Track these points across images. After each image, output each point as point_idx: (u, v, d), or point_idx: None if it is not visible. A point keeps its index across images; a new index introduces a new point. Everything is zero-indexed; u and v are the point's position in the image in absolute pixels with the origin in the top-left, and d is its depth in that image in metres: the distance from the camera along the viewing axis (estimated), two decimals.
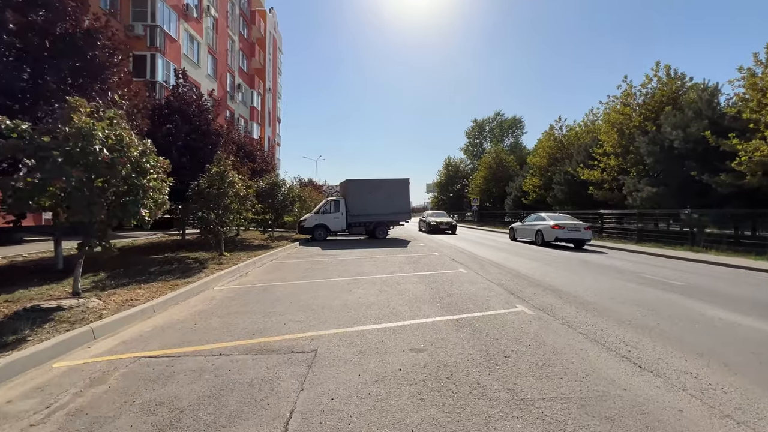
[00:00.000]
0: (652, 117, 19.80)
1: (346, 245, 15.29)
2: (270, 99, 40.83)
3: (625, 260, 11.23)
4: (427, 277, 7.82)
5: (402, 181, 18.63)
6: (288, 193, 15.94)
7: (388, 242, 16.57)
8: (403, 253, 12.13)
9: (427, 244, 15.43)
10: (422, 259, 10.67)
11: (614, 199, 20.47)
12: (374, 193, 17.96)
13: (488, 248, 14.11)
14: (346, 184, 18.18)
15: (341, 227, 17.77)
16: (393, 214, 18.27)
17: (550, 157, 29.15)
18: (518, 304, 5.58)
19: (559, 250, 13.73)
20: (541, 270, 8.91)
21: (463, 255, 11.76)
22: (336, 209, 17.78)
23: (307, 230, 17.44)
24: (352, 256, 11.42)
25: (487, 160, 42.87)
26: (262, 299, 5.84)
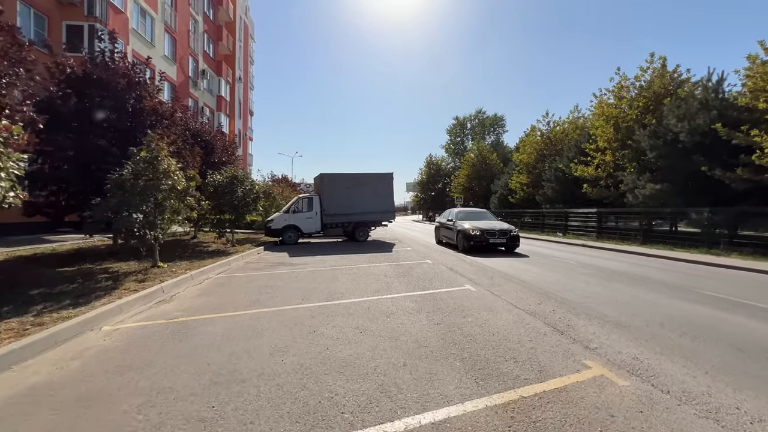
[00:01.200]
0: (651, 109, 18.47)
1: (320, 250, 12.89)
2: (241, 89, 37.61)
3: (648, 266, 9.45)
4: (425, 300, 5.60)
5: (385, 176, 16.38)
6: (251, 189, 13.35)
7: (370, 246, 14.29)
8: (388, 261, 9.88)
9: (415, 248, 13.25)
10: (413, 270, 8.45)
11: (610, 197, 19.03)
12: (354, 190, 15.64)
13: (483, 251, 12.11)
14: (321, 179, 15.75)
15: (315, 228, 15.34)
16: (375, 214, 16.00)
17: (537, 154, 27.71)
18: (588, 358, 3.44)
19: (565, 247, 11.89)
20: (569, 284, 6.88)
21: (460, 262, 9.65)
22: (309, 208, 15.34)
23: (275, 232, 14.91)
24: (326, 266, 9.07)
25: (470, 158, 41.37)
26: (154, 363, 3.41)
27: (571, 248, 14.29)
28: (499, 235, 11.89)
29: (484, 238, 11.67)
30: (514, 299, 5.65)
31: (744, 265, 9.60)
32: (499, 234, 11.90)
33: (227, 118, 32.85)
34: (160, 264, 8.24)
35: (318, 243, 15.75)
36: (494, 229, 11.97)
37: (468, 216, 13.63)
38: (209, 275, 7.87)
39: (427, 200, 52.06)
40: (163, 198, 7.83)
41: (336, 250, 12.61)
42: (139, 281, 6.64)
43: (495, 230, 11.95)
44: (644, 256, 11.93)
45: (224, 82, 32.21)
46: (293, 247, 13.78)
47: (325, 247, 14.03)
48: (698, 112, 15.03)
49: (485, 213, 14.86)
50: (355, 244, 14.75)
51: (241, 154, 36.75)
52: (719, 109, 14.46)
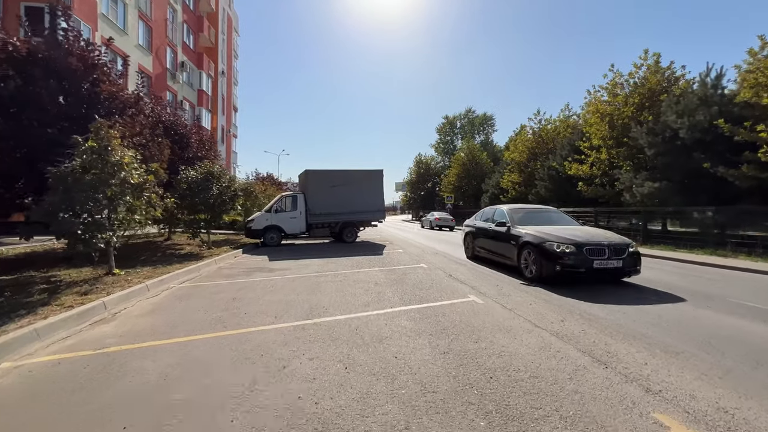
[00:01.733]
0: (647, 106, 17.97)
1: (304, 253, 11.82)
2: (224, 84, 36.05)
3: (659, 269, 8.70)
4: (426, 318, 4.62)
5: (374, 173, 15.38)
6: (228, 186, 12.16)
7: (359, 248, 13.28)
8: (379, 266, 8.89)
9: (407, 251, 12.29)
10: (408, 277, 7.48)
11: (605, 196, 18.47)
12: (341, 188, 14.59)
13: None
14: (305, 176, 14.64)
15: (300, 229, 14.23)
16: (363, 213, 14.99)
17: (529, 152, 27.15)
18: (656, 408, 2.50)
19: None
20: (592, 292, 6.01)
21: (458, 266, 8.73)
22: (293, 207, 14.22)
23: (256, 233, 13.75)
24: (308, 272, 8.02)
25: (461, 157, 40.73)
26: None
27: None
28: (612, 253, 6.41)
29: (584, 260, 6.28)
30: (531, 315, 4.73)
31: (757, 267, 8.96)
32: (612, 251, 6.42)
33: (209, 114, 31.31)
34: (116, 271, 7.09)
35: (303, 245, 14.65)
36: (600, 243, 6.51)
37: (531, 217, 8.38)
38: (171, 285, 6.73)
39: (417, 200, 51.25)
40: (113, 194, 6.66)
41: (321, 253, 11.55)
42: (81, 294, 5.49)
43: (602, 244, 6.49)
44: (650, 258, 11.25)
45: (206, 76, 30.67)
46: (275, 250, 12.65)
47: (309, 249, 12.95)
48: (697, 109, 14.52)
49: (556, 213, 9.20)
50: (342, 246, 13.72)
51: (224, 151, 35.29)
52: (720, 104, 13.97)
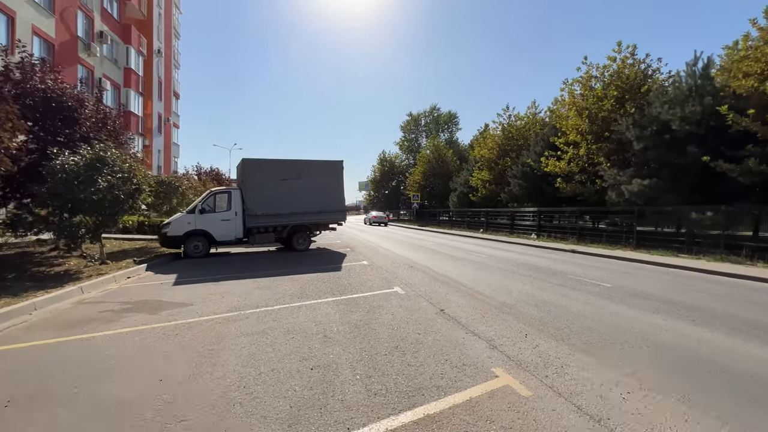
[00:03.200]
0: (627, 99, 16.64)
1: (234, 268, 8.64)
2: (160, 65, 31.05)
3: (681, 285, 6.68)
4: None
5: (333, 165, 12.42)
6: (127, 178, 8.64)
7: (311, 259, 10.30)
8: (333, 292, 6.02)
9: (374, 262, 9.51)
10: (377, 316, 4.68)
11: (585, 194, 16.95)
12: (291, 183, 11.50)
13: (470, 266, 8.76)
14: (243, 167, 11.35)
15: (235, 234, 10.94)
16: (320, 214, 11.99)
17: (499, 149, 25.50)
18: None
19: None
20: (636, 326, 3.60)
21: (447, 290, 6.12)
22: (226, 206, 10.91)
23: (174, 241, 10.30)
24: (219, 309, 4.97)
25: (426, 155, 38.71)
26: None
27: (557, 255, 11.54)
28: None
29: None
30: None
31: None
32: None
33: (139, 97, 26.45)
34: None
35: (238, 255, 11.38)
36: None
37: None
38: None
39: (381, 199, 48.67)
40: None
41: (257, 269, 8.44)
42: None
43: None
44: (652, 266, 9.39)
45: (135, 53, 25.81)
46: (196, 264, 9.33)
47: (243, 262, 9.76)
48: (687, 100, 13.20)
49: None
50: (290, 257, 10.66)
51: (161, 142, 30.32)
52: (713, 95, 12.68)
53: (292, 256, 10.86)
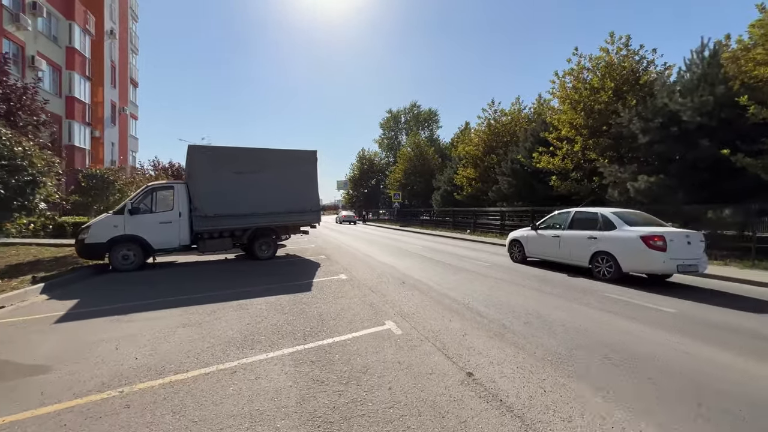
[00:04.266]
0: (624, 90, 15.46)
1: (163, 289, 6.38)
2: (114, 49, 27.61)
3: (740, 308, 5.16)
4: None
5: (304, 156, 10.28)
6: (17, 167, 6.21)
7: (276, 270, 8.19)
8: (297, 335, 3.97)
9: (354, 273, 7.51)
10: (367, 384, 2.70)
11: (581, 192, 15.63)
12: (252, 177, 9.30)
13: (478, 280, 6.93)
14: (190, 156, 9.00)
15: (179, 240, 8.62)
16: (288, 214, 9.84)
17: (485, 145, 24.07)
18: None
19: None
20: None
21: (472, 323, 4.24)
22: (166, 205, 8.59)
23: (95, 250, 7.89)
24: (90, 379, 2.82)
25: (407, 152, 37.02)
26: None
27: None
28: None
29: None
30: None
31: None
32: None
33: (86, 81, 23.13)
34: None
35: (185, 266, 9.07)
36: None
37: None
38: None
39: (360, 198, 46.61)
40: None
41: (197, 289, 6.25)
42: None
43: None
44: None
45: (80, 31, 22.50)
46: (119, 283, 6.99)
47: (184, 278, 7.50)
48: (697, 89, 12.02)
49: None
50: (248, 268, 8.49)
51: (116, 134, 26.87)
52: (725, 83, 11.52)
53: (253, 266, 8.68)
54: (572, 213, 8.52)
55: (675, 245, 6.47)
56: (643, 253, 6.54)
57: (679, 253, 6.45)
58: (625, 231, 6.96)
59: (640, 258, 6.63)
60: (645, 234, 6.63)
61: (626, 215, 7.56)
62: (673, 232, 6.74)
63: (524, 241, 9.45)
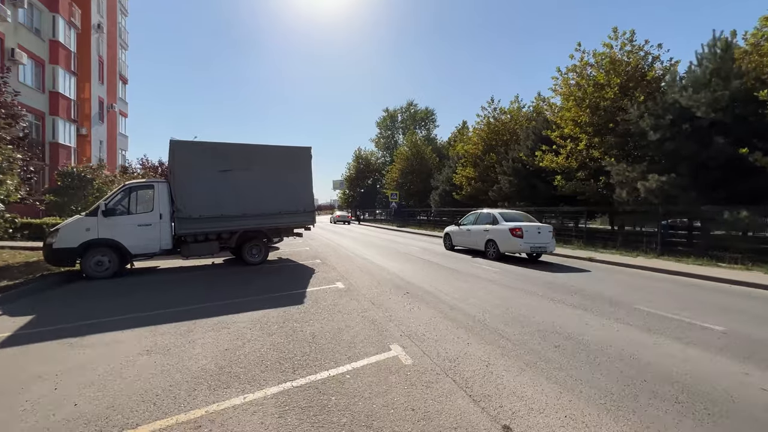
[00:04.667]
0: (631, 87, 14.89)
1: (136, 301, 5.60)
2: (101, 43, 26.60)
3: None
4: None
5: (298, 152, 9.52)
6: None
7: (266, 278, 7.45)
8: (284, 365, 3.24)
9: (354, 284, 6.78)
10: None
11: (587, 192, 15.03)
12: (240, 174, 8.54)
13: (495, 289, 6.26)
14: (173, 153, 8.21)
15: (159, 245, 7.83)
16: (280, 215, 9.08)
17: (485, 144, 23.44)
18: None
19: None
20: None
21: (496, 348, 3.54)
22: (145, 206, 7.81)
23: (64, 256, 7.09)
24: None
25: (404, 151, 36.32)
26: None
27: (578, 263, 9.24)
28: None
29: None
30: None
31: None
32: None
33: (71, 77, 22.14)
34: None
35: (167, 272, 8.29)
36: None
37: None
38: None
39: (356, 197, 45.85)
40: None
41: (174, 301, 5.48)
42: None
43: None
44: (709, 281, 7.33)
45: (65, 24, 21.51)
46: (88, 293, 6.21)
47: (162, 287, 6.73)
48: (709, 83, 11.46)
49: None
50: (235, 276, 7.73)
51: (104, 132, 25.83)
52: (739, 77, 10.98)
53: (241, 272, 7.92)
54: (477, 213, 11.74)
55: (529, 234, 9.64)
56: (511, 240, 9.66)
57: (533, 239, 9.62)
58: (503, 225, 10.06)
59: (509, 243, 9.75)
60: (511, 227, 9.76)
61: (507, 214, 10.72)
62: (528, 225, 9.87)
63: (452, 234, 12.49)
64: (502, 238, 9.84)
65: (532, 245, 9.48)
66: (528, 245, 9.44)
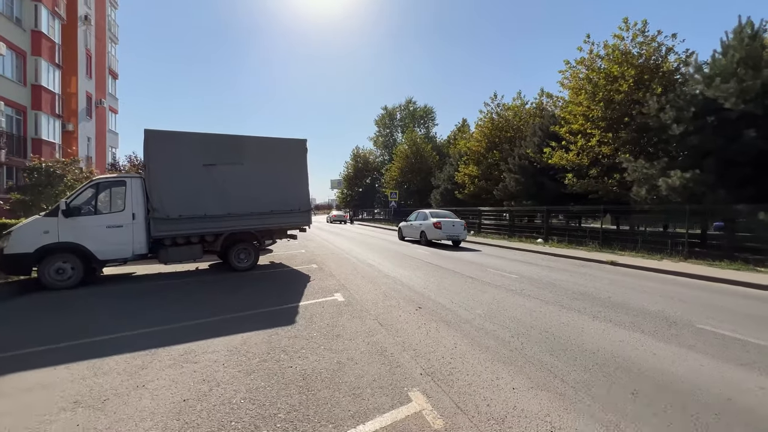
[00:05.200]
0: (646, 79, 14.01)
1: (93, 319, 4.57)
2: (89, 36, 25.43)
3: None
4: None
5: (291, 145, 8.51)
6: None
7: (253, 288, 6.46)
8: (260, 430, 2.32)
9: (356, 296, 5.81)
10: None
11: (600, 190, 14.14)
12: (226, 169, 7.55)
13: (529, 302, 5.31)
14: (150, 143, 7.12)
15: (132, 249, 6.81)
16: (271, 215, 8.08)
17: (488, 141, 22.53)
18: None
19: None
20: None
21: (564, 400, 2.62)
22: (116, 204, 6.81)
23: (18, 263, 6.06)
24: None
25: (404, 150, 35.36)
26: None
27: (593, 270, 8.33)
28: None
29: None
30: None
31: None
32: None
33: (56, 70, 20.99)
34: None
35: (142, 279, 7.27)
36: None
37: None
38: None
39: (355, 197, 44.85)
40: None
41: (136, 321, 4.48)
42: None
43: None
44: (753, 290, 6.43)
45: (48, 14, 20.33)
46: (40, 309, 5.19)
47: (131, 300, 5.72)
48: (735, 73, 10.58)
49: None
50: (218, 285, 6.73)
51: (92, 128, 24.68)
52: None
53: (226, 281, 6.92)
54: (417, 212, 15.35)
55: (446, 226, 13.15)
56: (433, 231, 13.14)
57: (449, 230, 13.17)
58: (431, 220, 13.52)
59: (434, 233, 13.24)
60: (435, 221, 13.21)
61: (436, 212, 14.57)
62: (446, 221, 13.33)
63: (402, 228, 16.07)
64: (429, 229, 13.36)
65: (448, 234, 13.26)
66: (445, 234, 13.20)
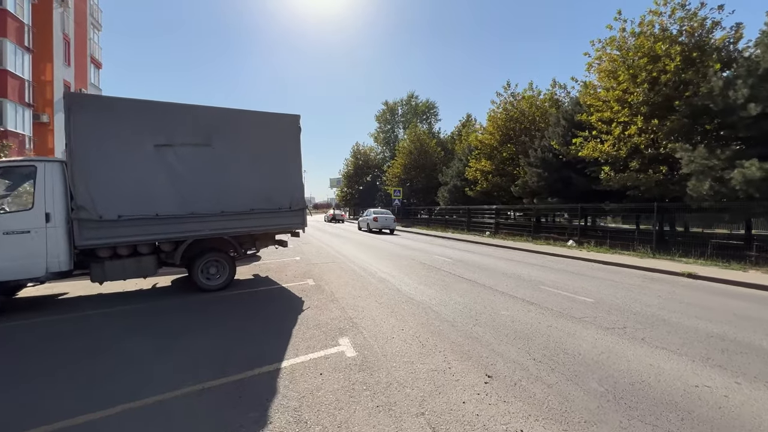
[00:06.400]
0: (694, 57, 11.93)
1: None
2: (67, 20, 23.11)
3: None
4: None
5: (281, 122, 6.32)
6: None
7: (218, 324, 4.31)
8: None
9: (374, 344, 3.67)
10: None
11: (641, 185, 12.05)
12: (188, 151, 5.39)
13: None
14: (74, 114, 4.99)
15: (46, 265, 4.66)
16: (253, 215, 5.92)
17: (502, 134, 20.41)
18: None
19: None
20: None
21: None
22: (20, 201, 4.67)
23: None
24: None
25: (406, 146, 33.19)
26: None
27: (672, 287, 6.24)
28: None
29: None
30: None
31: None
32: None
33: (26, 54, 18.70)
34: None
35: (66, 307, 5.13)
36: None
37: None
38: None
39: (355, 195, 42.67)
40: None
41: (29, 391, 2.37)
42: None
43: None
44: None
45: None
46: None
47: (21, 350, 3.58)
48: None
49: None
50: (162, 321, 4.58)
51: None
52: None
53: (181, 311, 4.78)
54: (369, 210, 21.62)
55: (381, 219, 19.61)
56: (373, 223, 19.67)
57: (382, 223, 19.59)
58: (371, 215, 20.14)
59: (373, 224, 19.64)
60: (373, 216, 19.86)
61: (377, 211, 20.77)
62: (381, 216, 19.79)
63: (360, 221, 21.95)
64: (371, 222, 19.48)
65: (382, 226, 19.39)
66: (380, 225, 19.35)
